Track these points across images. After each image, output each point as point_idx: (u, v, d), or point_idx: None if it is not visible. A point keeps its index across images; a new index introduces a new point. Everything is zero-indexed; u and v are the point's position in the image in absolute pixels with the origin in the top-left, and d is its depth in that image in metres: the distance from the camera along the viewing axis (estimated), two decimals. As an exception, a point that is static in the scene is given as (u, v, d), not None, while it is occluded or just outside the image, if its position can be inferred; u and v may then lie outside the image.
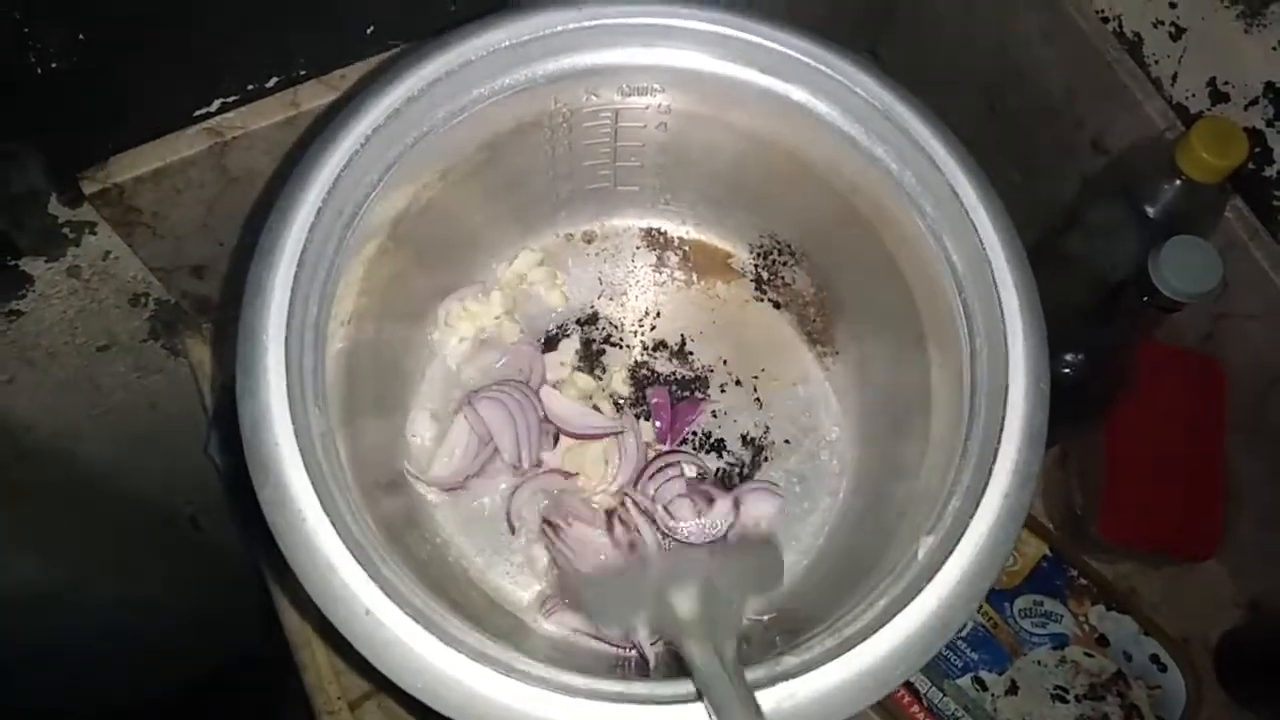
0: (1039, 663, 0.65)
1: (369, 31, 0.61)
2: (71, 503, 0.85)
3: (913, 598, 0.37)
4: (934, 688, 0.64)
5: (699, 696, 0.36)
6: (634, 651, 0.52)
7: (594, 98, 0.52)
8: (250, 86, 0.60)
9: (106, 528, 0.91)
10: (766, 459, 0.61)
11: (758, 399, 0.63)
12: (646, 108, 0.54)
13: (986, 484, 0.39)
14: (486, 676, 0.35)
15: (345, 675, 0.66)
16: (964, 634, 0.66)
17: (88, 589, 0.94)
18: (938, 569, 0.38)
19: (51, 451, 0.78)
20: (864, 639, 0.37)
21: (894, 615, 0.37)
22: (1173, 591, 0.73)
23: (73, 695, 1.08)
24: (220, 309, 0.73)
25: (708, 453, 0.60)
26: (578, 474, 0.57)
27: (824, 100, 0.49)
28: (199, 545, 1.05)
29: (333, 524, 0.37)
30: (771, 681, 0.35)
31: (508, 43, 0.47)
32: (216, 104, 0.60)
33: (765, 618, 0.51)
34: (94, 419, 0.78)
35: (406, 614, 0.36)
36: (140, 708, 1.16)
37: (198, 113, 0.59)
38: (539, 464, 0.58)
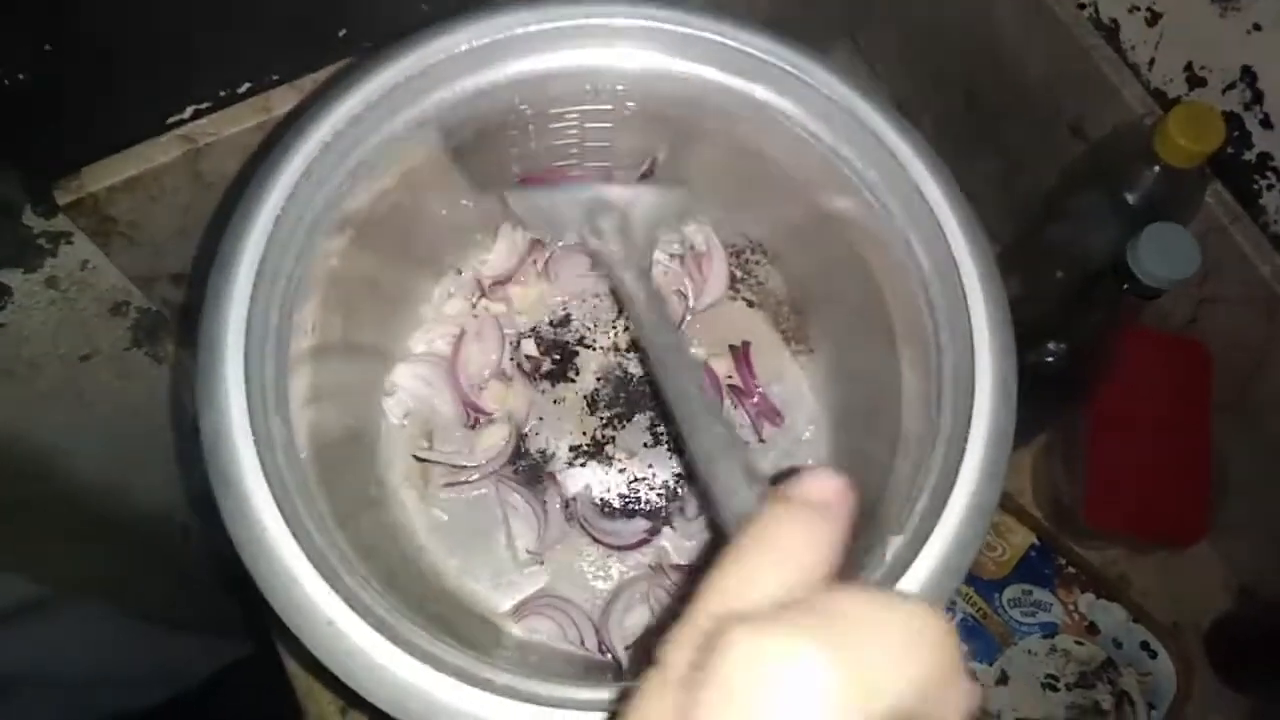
0: (1029, 652, 0.66)
1: (341, 35, 0.60)
2: (59, 516, 0.84)
3: None
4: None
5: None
6: (609, 655, 0.52)
7: (558, 99, 0.52)
8: (222, 93, 0.60)
9: (95, 540, 0.91)
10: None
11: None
12: (611, 108, 0.53)
13: (954, 484, 0.39)
14: (450, 686, 0.35)
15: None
16: (954, 624, 0.66)
17: (77, 603, 0.93)
18: (905, 569, 0.38)
19: (38, 465, 0.77)
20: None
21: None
22: (1163, 577, 0.73)
23: (61, 713, 1.07)
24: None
25: (682, 455, 0.60)
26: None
27: (788, 99, 0.49)
28: (188, 554, 1.05)
29: (294, 535, 0.37)
30: None
31: (467, 46, 0.47)
32: (189, 111, 0.59)
33: None
34: (79, 430, 0.78)
35: (369, 624, 0.35)
36: (133, 722, 1.16)
37: (171, 120, 0.59)
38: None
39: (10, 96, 0.51)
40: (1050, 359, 0.62)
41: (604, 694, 0.36)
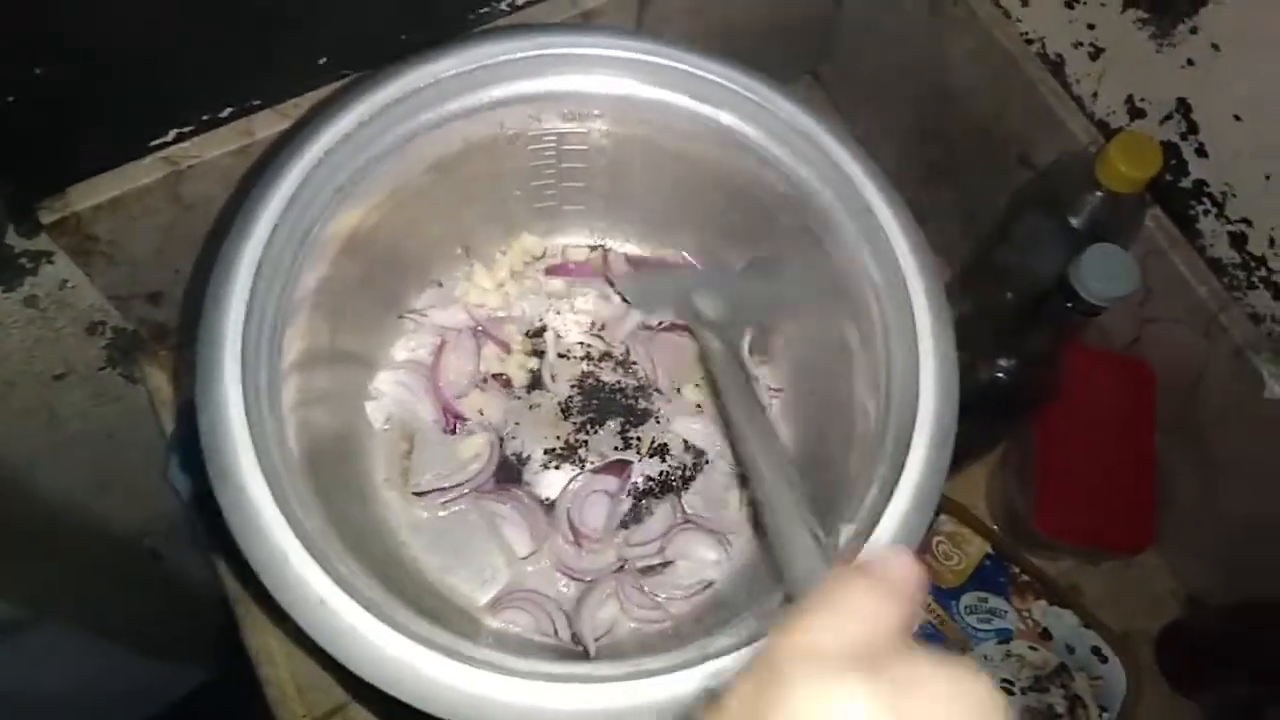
0: (985, 657, 0.68)
1: (321, 62, 0.62)
2: (30, 535, 0.84)
3: None
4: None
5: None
6: (580, 647, 0.54)
7: (537, 122, 0.55)
8: (205, 117, 0.61)
9: (65, 560, 0.91)
10: (708, 462, 0.63)
11: (698, 405, 0.65)
12: (588, 131, 0.56)
13: (898, 478, 0.42)
14: (436, 661, 0.37)
15: (308, 692, 0.66)
16: (913, 632, 0.68)
17: (46, 625, 0.93)
18: (856, 554, 0.40)
19: (9, 483, 0.78)
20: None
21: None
22: (1113, 588, 0.76)
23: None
24: (179, 333, 0.74)
25: (651, 457, 0.62)
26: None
27: (750, 124, 0.52)
28: (158, 577, 1.05)
29: (287, 521, 0.39)
30: (704, 659, 0.37)
31: (454, 71, 0.50)
32: (172, 134, 0.61)
33: None
34: (52, 449, 0.78)
35: (359, 603, 0.37)
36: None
37: (154, 143, 0.60)
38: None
39: (-1, 117, 0.53)
40: (1002, 375, 0.64)
41: (576, 668, 0.38)
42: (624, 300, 0.66)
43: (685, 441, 0.63)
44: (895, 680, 0.21)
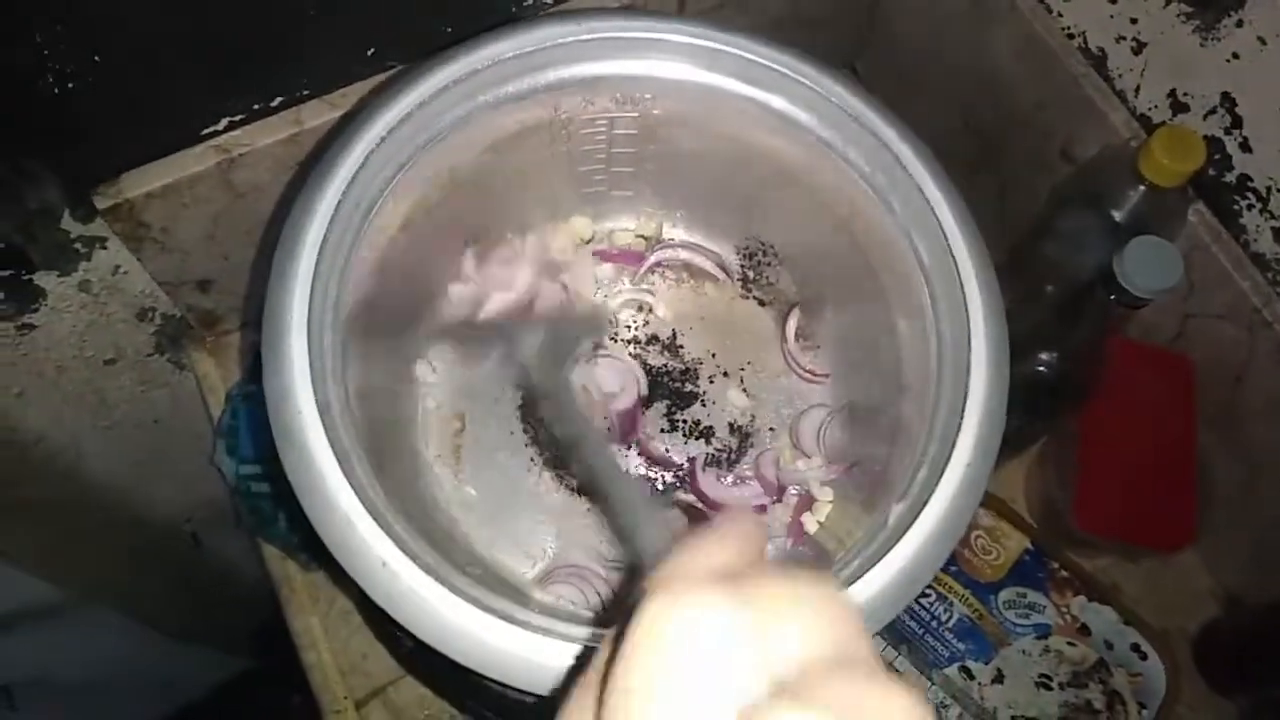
0: (1024, 652, 0.68)
1: (369, 53, 0.63)
2: (77, 518, 0.86)
3: (882, 557, 0.41)
4: (922, 677, 0.66)
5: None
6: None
7: (591, 105, 0.56)
8: (256, 106, 0.62)
9: (108, 544, 0.92)
10: (752, 445, 0.64)
11: (744, 389, 0.66)
12: (640, 115, 0.57)
13: (950, 456, 0.42)
14: (494, 625, 0.38)
15: (350, 675, 0.67)
16: (951, 625, 0.68)
17: (89, 607, 0.94)
18: (905, 531, 0.41)
19: (58, 466, 0.79)
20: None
21: (865, 572, 0.40)
22: (1151, 585, 0.75)
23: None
24: (227, 320, 0.75)
25: (697, 439, 0.63)
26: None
27: (801, 108, 0.53)
28: (198, 562, 1.06)
29: (351, 485, 0.40)
30: None
31: (512, 54, 0.51)
32: (224, 122, 0.62)
33: None
34: (100, 433, 0.80)
35: (420, 567, 0.38)
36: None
37: (205, 131, 0.62)
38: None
39: (59, 104, 0.54)
40: (1043, 369, 0.65)
41: None
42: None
43: (730, 424, 0.64)
44: (750, 591, 0.21)
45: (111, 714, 1.09)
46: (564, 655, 0.37)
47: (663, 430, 0.64)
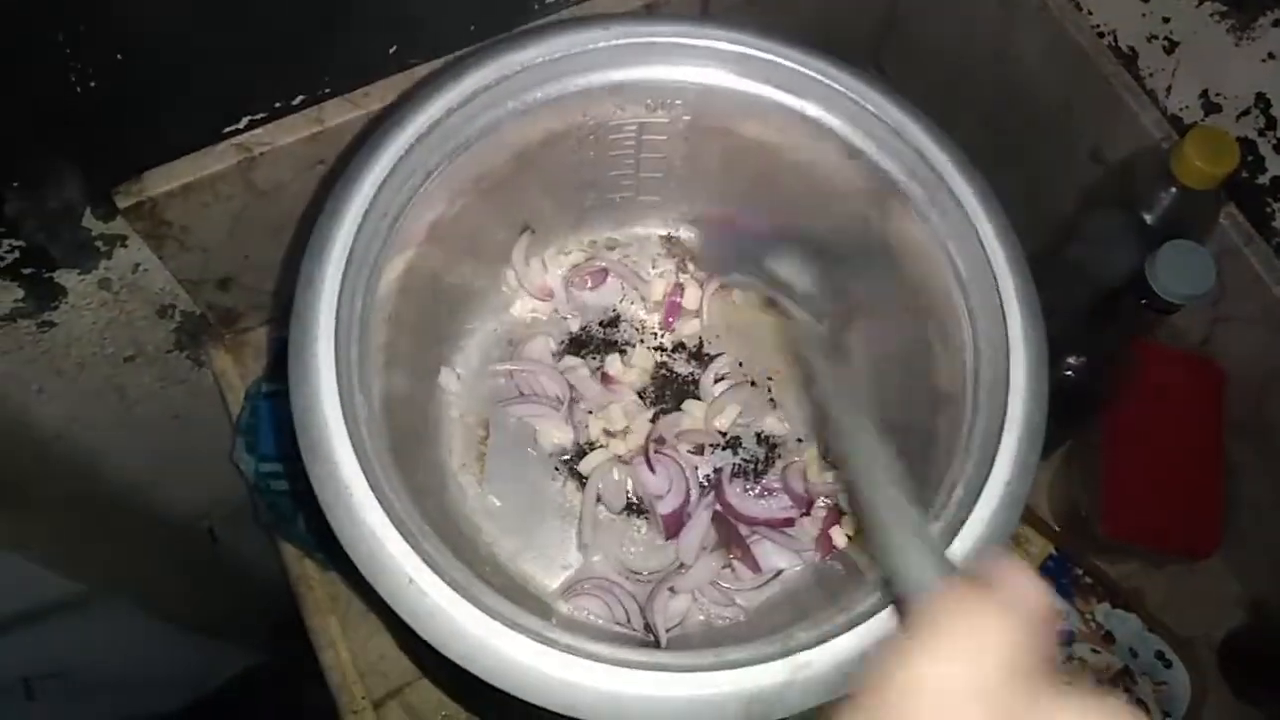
0: (1046, 660, 0.67)
1: (391, 52, 0.63)
2: (96, 514, 0.86)
3: None
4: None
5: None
6: (652, 637, 0.54)
7: (620, 111, 0.55)
8: (277, 104, 0.62)
9: (126, 539, 0.93)
10: (779, 456, 0.63)
11: (772, 399, 0.65)
12: (669, 121, 0.56)
13: (989, 474, 0.42)
14: (521, 643, 0.37)
15: (369, 676, 0.67)
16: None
17: (107, 602, 0.95)
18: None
19: (78, 462, 0.79)
20: (873, 615, 0.39)
21: (900, 596, 0.39)
22: (1176, 592, 0.74)
23: (80, 716, 1.08)
24: (246, 318, 0.75)
25: (724, 449, 0.62)
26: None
27: (836, 115, 0.52)
28: (215, 558, 1.07)
29: (378, 500, 0.39)
30: (786, 653, 0.37)
31: (541, 59, 0.50)
32: (245, 121, 0.62)
33: None
34: (119, 429, 0.80)
35: (446, 583, 0.38)
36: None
37: (227, 129, 0.61)
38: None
39: (81, 102, 0.54)
40: (1070, 373, 0.64)
41: (661, 657, 0.38)
42: (697, 263, 0.65)
43: (758, 434, 0.63)
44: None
45: (128, 707, 1.10)
46: (592, 674, 0.37)
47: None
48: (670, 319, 0.66)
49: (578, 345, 0.65)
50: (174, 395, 0.81)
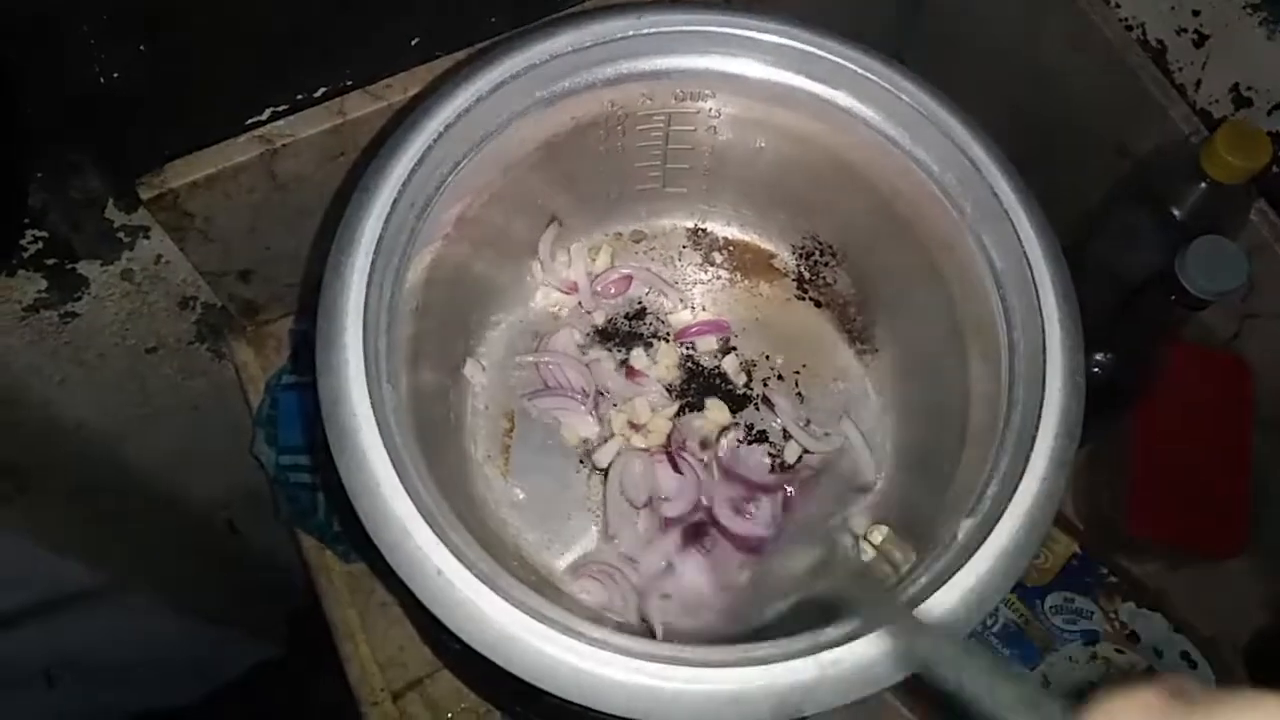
0: (1070, 659, 0.66)
1: (413, 44, 0.63)
2: (115, 505, 0.86)
3: (952, 575, 0.39)
4: (966, 683, 0.65)
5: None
6: (645, 625, 0.55)
7: (649, 101, 0.55)
8: (299, 96, 0.62)
9: (145, 529, 0.93)
10: (807, 451, 0.62)
11: (799, 393, 0.64)
12: (698, 112, 0.56)
13: (1024, 470, 0.41)
14: (550, 636, 0.37)
15: (388, 668, 0.67)
16: (996, 630, 0.67)
17: (127, 592, 0.95)
18: (976, 549, 0.40)
19: (98, 453, 0.80)
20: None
21: (933, 592, 0.39)
22: (1201, 592, 0.73)
23: (102, 705, 1.09)
24: (267, 310, 0.75)
25: (750, 444, 0.62)
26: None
27: (869, 105, 0.51)
28: (234, 550, 1.07)
29: (406, 490, 0.39)
30: (815, 650, 0.37)
31: (570, 48, 0.50)
32: (267, 113, 0.62)
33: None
34: (140, 421, 0.80)
35: (475, 575, 0.38)
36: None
37: (249, 121, 0.61)
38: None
39: (105, 93, 0.54)
40: (1097, 370, 0.63)
41: (687, 653, 0.38)
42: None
43: (785, 430, 0.62)
44: None
45: (147, 696, 1.11)
46: (621, 668, 0.36)
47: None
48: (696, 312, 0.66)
49: (603, 338, 0.65)
50: (195, 387, 0.81)
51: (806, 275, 0.67)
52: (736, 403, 0.63)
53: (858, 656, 0.37)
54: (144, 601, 0.98)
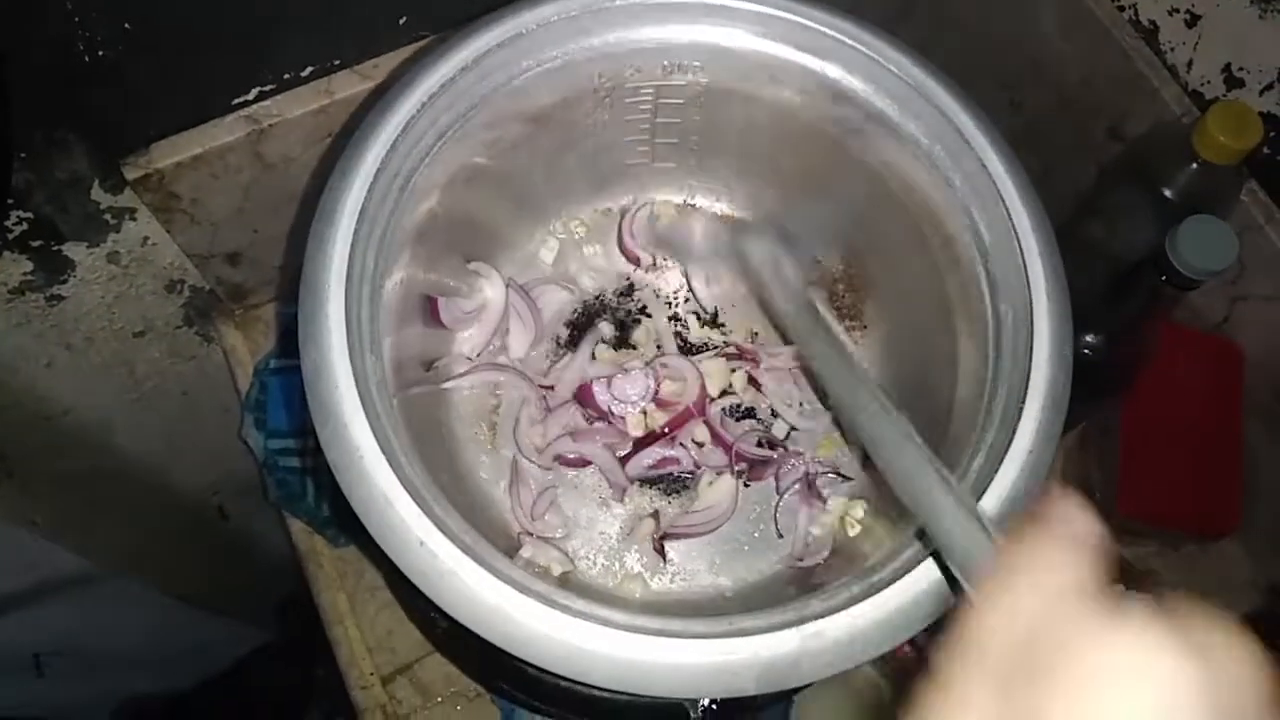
0: (1059, 640, 0.66)
1: (401, 22, 0.62)
2: (104, 490, 0.86)
3: (934, 549, 0.39)
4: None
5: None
6: None
7: (636, 73, 0.54)
8: (286, 75, 0.62)
9: (135, 515, 0.93)
10: (795, 429, 0.62)
11: (791, 367, 0.63)
12: (686, 84, 0.55)
13: (1010, 442, 0.41)
14: (532, 608, 0.37)
15: (377, 651, 0.67)
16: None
17: (116, 578, 0.95)
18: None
19: (86, 438, 0.79)
20: (891, 583, 0.38)
21: (920, 562, 0.39)
22: (1191, 574, 0.74)
23: (93, 692, 1.09)
24: (256, 293, 0.75)
25: (738, 420, 0.61)
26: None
27: (858, 77, 0.51)
28: (224, 535, 1.07)
29: (388, 461, 0.39)
30: (800, 621, 0.37)
31: (557, 17, 0.49)
32: (254, 92, 0.61)
33: None
34: (128, 405, 0.80)
35: (458, 547, 0.37)
36: (157, 706, 1.17)
37: (236, 101, 0.61)
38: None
39: (89, 73, 0.53)
40: (1087, 351, 0.63)
41: (674, 624, 0.37)
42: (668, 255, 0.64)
43: (771, 406, 0.62)
44: (1188, 631, 0.20)
45: (137, 683, 1.10)
46: (604, 639, 0.36)
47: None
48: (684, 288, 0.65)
49: (592, 313, 0.64)
50: (183, 371, 0.81)
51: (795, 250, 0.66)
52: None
53: (842, 628, 0.37)
54: (134, 588, 0.98)
